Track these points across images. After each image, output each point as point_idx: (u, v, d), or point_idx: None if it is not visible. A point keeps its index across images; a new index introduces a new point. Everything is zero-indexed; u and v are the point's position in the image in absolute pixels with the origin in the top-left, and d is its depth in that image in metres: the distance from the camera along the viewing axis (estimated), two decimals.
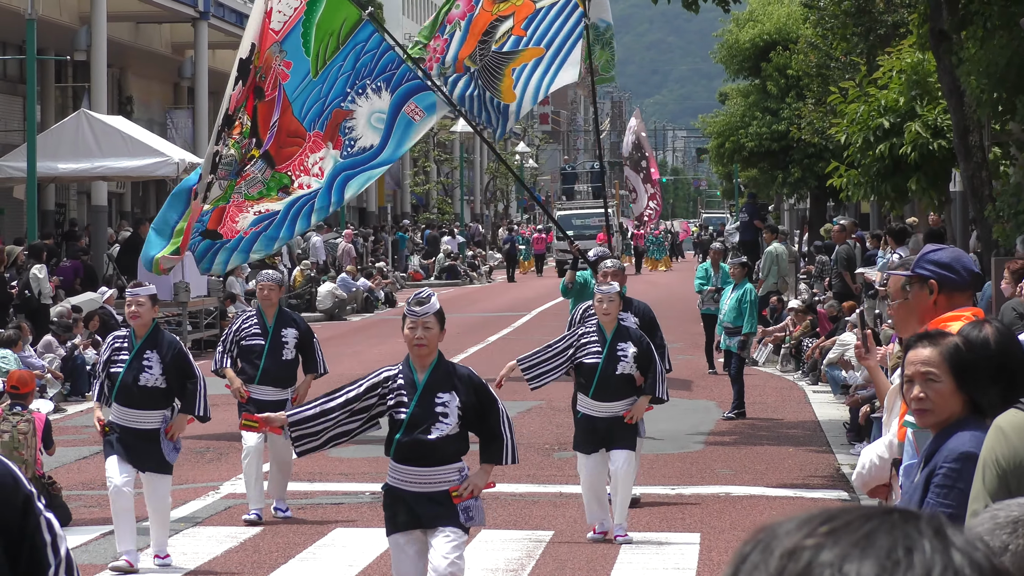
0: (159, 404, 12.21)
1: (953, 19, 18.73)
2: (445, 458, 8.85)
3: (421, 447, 8.78)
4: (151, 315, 12.31)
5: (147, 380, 12.14)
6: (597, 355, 13.00)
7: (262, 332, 14.36)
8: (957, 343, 5.47)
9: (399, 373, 8.87)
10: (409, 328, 8.80)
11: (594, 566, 12.13)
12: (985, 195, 18.94)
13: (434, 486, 8.85)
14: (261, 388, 14.25)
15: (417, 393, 8.78)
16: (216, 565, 12.38)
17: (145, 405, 12.15)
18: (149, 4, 41.25)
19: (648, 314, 15.29)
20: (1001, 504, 2.92)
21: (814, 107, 33.16)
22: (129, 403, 12.15)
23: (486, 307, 44.34)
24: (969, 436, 5.33)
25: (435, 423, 8.78)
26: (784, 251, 31.27)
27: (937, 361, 5.42)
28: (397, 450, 8.86)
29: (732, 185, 70.16)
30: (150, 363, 12.16)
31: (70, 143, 31.13)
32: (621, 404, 13.06)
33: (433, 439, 8.78)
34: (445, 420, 8.79)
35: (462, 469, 8.95)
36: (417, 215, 73.16)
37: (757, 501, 14.86)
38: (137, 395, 12.13)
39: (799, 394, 23.40)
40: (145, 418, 12.16)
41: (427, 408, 8.76)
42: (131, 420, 12.15)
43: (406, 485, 8.85)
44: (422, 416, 8.77)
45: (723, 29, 45.04)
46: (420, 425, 8.78)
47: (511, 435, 9.07)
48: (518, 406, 19.46)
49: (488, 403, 8.92)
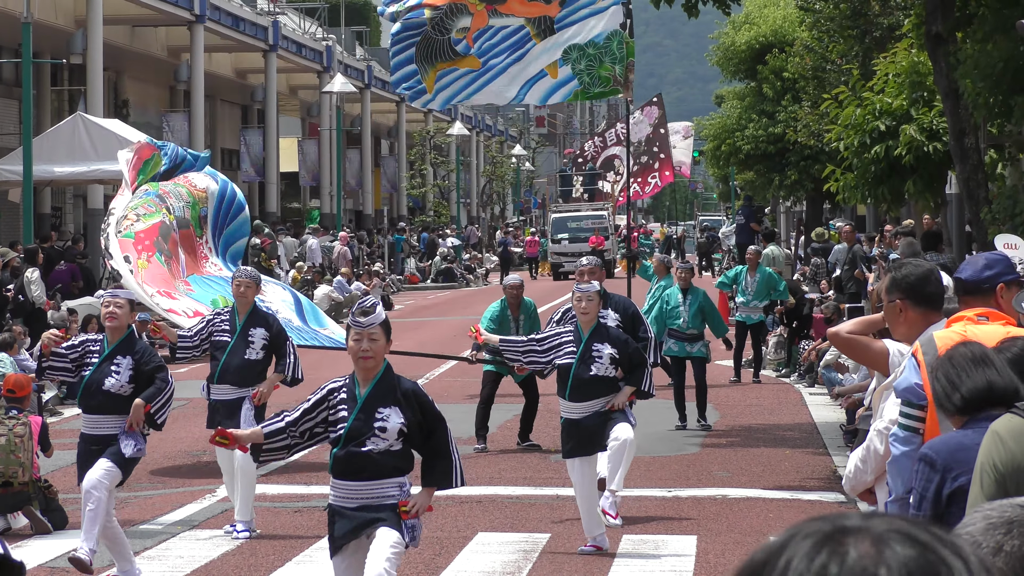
0: (124, 410, 11.79)
1: (949, 22, 18.75)
2: (383, 472, 8.53)
3: (358, 460, 8.50)
4: (128, 320, 11.97)
5: (112, 385, 11.76)
6: (571, 355, 12.75)
7: (230, 329, 14.00)
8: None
9: (343, 386, 8.65)
10: (354, 340, 8.54)
11: (591, 569, 12.12)
12: (981, 198, 18.95)
13: (374, 500, 8.54)
14: (219, 387, 13.91)
15: (357, 406, 8.52)
16: (213, 568, 12.37)
17: (109, 410, 11.76)
18: (145, 7, 41.25)
19: (629, 309, 15.36)
20: (994, 504, 2.92)
21: (810, 110, 33.17)
22: (92, 408, 11.82)
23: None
24: None
25: (372, 436, 8.48)
26: (780, 254, 31.31)
27: None
28: (335, 464, 8.60)
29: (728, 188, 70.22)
30: (119, 368, 11.79)
31: (66, 146, 31.13)
32: (600, 402, 12.79)
33: (368, 451, 8.49)
34: (383, 435, 8.49)
35: (403, 484, 8.61)
36: (413, 218, 73.14)
37: (754, 503, 14.86)
38: (100, 399, 11.77)
39: (795, 396, 23.42)
40: (108, 423, 11.77)
41: (366, 422, 8.49)
42: (95, 426, 11.80)
43: (346, 501, 8.57)
44: (360, 429, 8.49)
45: (719, 32, 45.06)
46: (357, 438, 8.49)
47: (458, 456, 8.83)
48: (514, 408, 19.45)
49: (434, 420, 8.65)
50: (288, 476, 16.37)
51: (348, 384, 8.64)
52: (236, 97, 56.78)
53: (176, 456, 18.13)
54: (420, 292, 55.36)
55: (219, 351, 13.98)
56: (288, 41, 53.11)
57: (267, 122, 51.82)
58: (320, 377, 15.10)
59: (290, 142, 59.30)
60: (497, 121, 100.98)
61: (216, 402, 13.97)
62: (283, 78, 57.14)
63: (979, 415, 5.41)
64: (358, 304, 8.67)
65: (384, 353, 8.60)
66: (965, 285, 6.99)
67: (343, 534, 8.56)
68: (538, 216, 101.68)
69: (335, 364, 26.00)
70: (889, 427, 6.65)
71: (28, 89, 30.55)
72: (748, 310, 24.77)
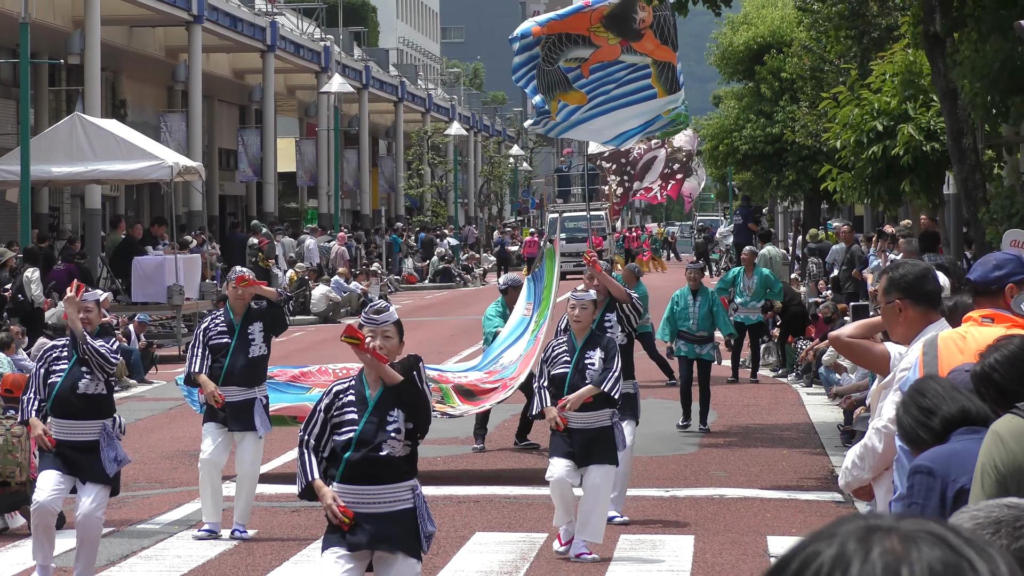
0: (99, 413, 11.45)
1: (946, 22, 18.75)
2: (398, 475, 8.30)
3: (376, 464, 8.24)
4: (98, 320, 11.61)
5: (86, 387, 11.39)
6: (566, 365, 12.57)
7: (228, 330, 13.65)
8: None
9: (349, 387, 8.42)
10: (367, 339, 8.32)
11: (588, 569, 12.12)
12: (979, 198, 18.95)
13: (388, 506, 8.29)
14: (226, 388, 13.53)
15: (368, 409, 8.27)
16: (210, 568, 12.37)
17: (84, 414, 11.38)
18: (143, 8, 41.26)
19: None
20: (980, 505, 2.94)
21: (808, 110, 33.17)
22: (66, 413, 11.39)
23: (479, 310, 44.26)
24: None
25: (387, 439, 8.25)
26: (777, 254, 31.32)
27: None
28: (347, 469, 8.29)
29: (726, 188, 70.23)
30: (89, 369, 11.40)
31: (64, 146, 31.11)
32: (596, 415, 12.51)
33: (387, 455, 8.24)
34: (397, 436, 8.26)
35: (415, 487, 8.39)
36: (411, 218, 73.14)
37: (751, 503, 14.86)
38: (76, 403, 11.38)
39: (793, 396, 23.43)
40: (84, 428, 11.37)
41: (379, 424, 8.24)
42: (70, 432, 11.34)
43: (357, 507, 8.27)
44: (373, 432, 8.24)
45: (717, 32, 45.08)
46: (372, 442, 8.25)
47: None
48: (512, 408, 19.45)
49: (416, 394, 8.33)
50: (285, 476, 16.37)
51: (356, 385, 8.41)
52: (234, 97, 56.77)
53: (173, 456, 18.13)
54: (418, 292, 55.36)
55: (220, 354, 13.62)
56: (286, 41, 53.11)
57: (265, 122, 51.81)
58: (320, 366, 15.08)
59: (288, 142, 59.28)
60: (495, 121, 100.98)
61: (224, 403, 13.53)
62: (281, 78, 57.12)
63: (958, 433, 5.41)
64: (370, 304, 8.57)
65: (397, 352, 8.38)
66: (975, 286, 6.98)
67: (352, 542, 8.26)
68: (536, 216, 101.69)
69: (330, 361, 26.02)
70: (888, 426, 6.64)
71: (26, 89, 30.55)
72: (746, 311, 24.83)
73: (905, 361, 6.94)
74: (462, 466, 17.34)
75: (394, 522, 8.29)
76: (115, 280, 31.25)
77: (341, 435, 8.31)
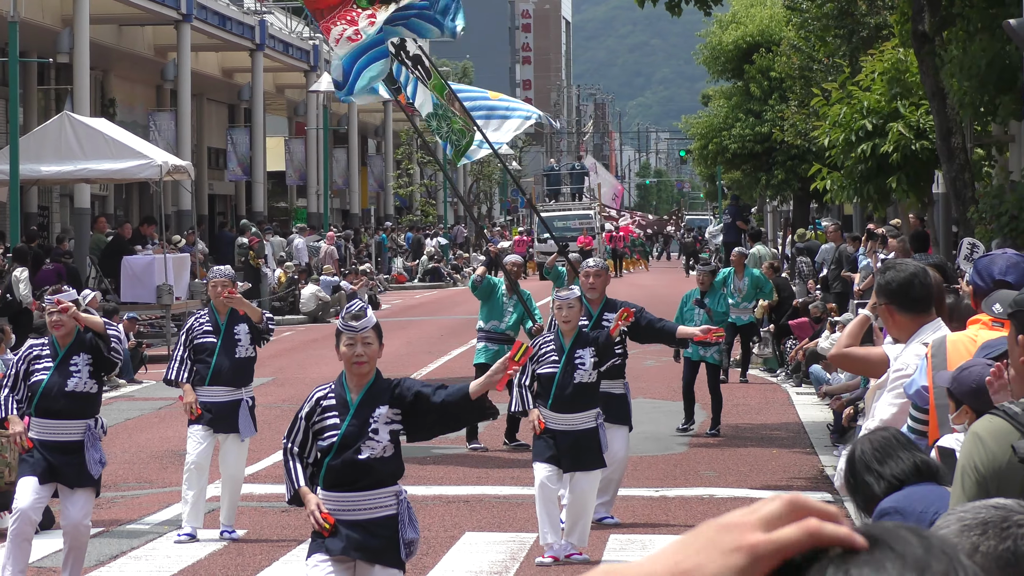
0: (85, 412, 11.32)
1: (934, 20, 18.77)
2: (381, 480, 8.23)
3: (356, 469, 8.17)
4: (74, 325, 11.40)
5: (75, 385, 11.25)
6: (554, 364, 12.46)
7: (214, 330, 13.54)
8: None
9: (330, 392, 8.34)
10: (347, 345, 8.26)
11: (577, 568, 12.12)
12: (968, 197, 18.98)
13: (370, 512, 8.22)
14: (212, 389, 13.45)
15: (350, 413, 8.20)
16: (200, 568, 12.36)
17: (70, 414, 11.26)
18: (132, 6, 41.19)
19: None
20: (967, 506, 2.94)
21: (797, 109, 33.21)
22: (51, 413, 11.27)
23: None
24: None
25: (367, 442, 8.17)
26: (766, 253, 31.34)
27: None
28: (328, 475, 8.22)
29: (715, 187, 70.26)
30: (77, 367, 11.29)
31: (53, 145, 31.05)
32: (581, 416, 12.42)
33: (366, 458, 8.16)
34: (377, 438, 8.18)
35: (399, 493, 8.31)
36: (400, 217, 73.12)
37: (741, 503, 14.85)
38: (62, 402, 11.26)
39: (783, 396, 23.44)
40: (68, 429, 11.25)
41: (360, 428, 8.17)
42: (53, 432, 11.22)
43: (339, 514, 8.21)
44: (355, 436, 8.17)
45: (706, 31, 45.10)
46: (352, 445, 8.18)
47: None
48: (501, 408, 19.43)
49: (417, 390, 8.26)
50: (274, 477, 16.35)
51: (336, 390, 8.35)
52: (223, 96, 56.70)
53: (163, 456, 18.10)
54: (407, 291, 55.35)
55: (206, 353, 13.53)
56: (275, 40, 53.04)
57: (254, 121, 51.74)
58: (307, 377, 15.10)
59: (277, 141, 59.22)
60: None
61: (207, 404, 13.47)
62: (270, 77, 57.05)
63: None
64: (347, 308, 8.40)
65: (377, 358, 8.32)
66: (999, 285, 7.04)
67: (335, 549, 8.21)
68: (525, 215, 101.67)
69: (323, 364, 26.00)
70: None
71: (15, 88, 30.49)
72: (737, 311, 24.77)
73: (899, 362, 6.96)
74: (452, 466, 17.34)
75: (374, 531, 8.22)
76: (104, 280, 31.19)
77: (324, 440, 8.25)
